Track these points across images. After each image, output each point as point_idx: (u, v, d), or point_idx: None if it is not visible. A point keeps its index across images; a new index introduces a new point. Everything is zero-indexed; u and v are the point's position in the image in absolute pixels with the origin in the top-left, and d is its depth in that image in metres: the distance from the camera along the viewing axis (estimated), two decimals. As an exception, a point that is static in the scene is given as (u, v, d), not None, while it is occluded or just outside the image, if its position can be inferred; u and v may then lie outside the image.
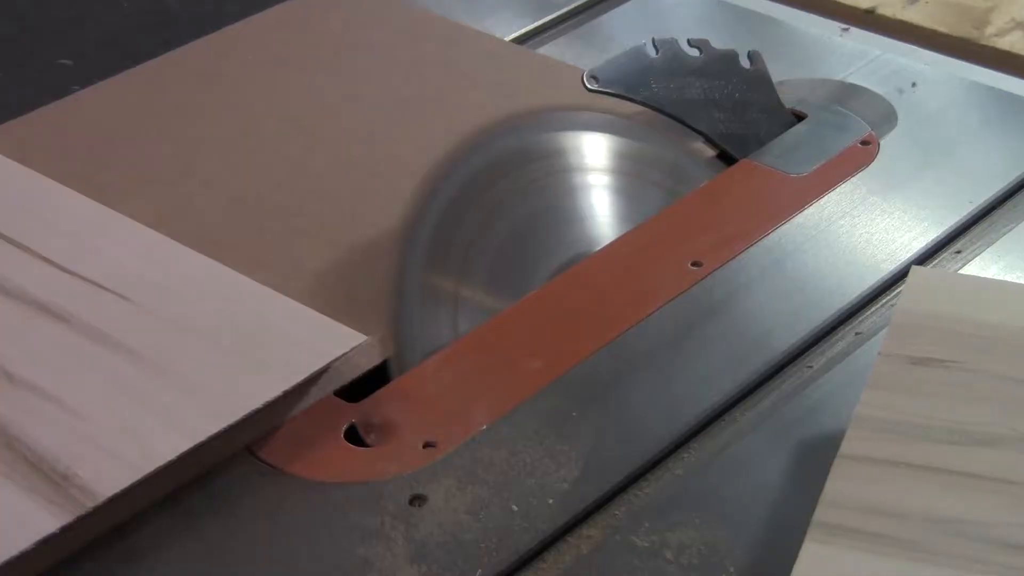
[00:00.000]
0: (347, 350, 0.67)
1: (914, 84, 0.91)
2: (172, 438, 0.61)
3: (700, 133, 0.86)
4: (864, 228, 0.79)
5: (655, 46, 0.85)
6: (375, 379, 0.69)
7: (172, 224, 0.77)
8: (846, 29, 0.89)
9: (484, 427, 0.65)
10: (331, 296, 0.74)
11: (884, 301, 0.75)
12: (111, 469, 0.59)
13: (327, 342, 0.67)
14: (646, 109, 0.85)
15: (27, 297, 0.70)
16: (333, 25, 0.99)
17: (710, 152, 0.85)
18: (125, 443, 0.61)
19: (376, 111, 0.90)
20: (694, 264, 0.75)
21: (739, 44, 0.87)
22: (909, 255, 0.77)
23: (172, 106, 0.92)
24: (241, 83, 0.94)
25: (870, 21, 0.96)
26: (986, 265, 0.77)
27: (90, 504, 0.58)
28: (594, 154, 0.82)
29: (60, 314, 0.69)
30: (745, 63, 0.87)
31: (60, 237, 0.75)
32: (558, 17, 1.02)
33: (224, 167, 0.85)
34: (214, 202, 0.82)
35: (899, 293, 0.71)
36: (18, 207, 0.79)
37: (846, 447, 0.58)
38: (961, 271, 0.76)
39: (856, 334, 0.72)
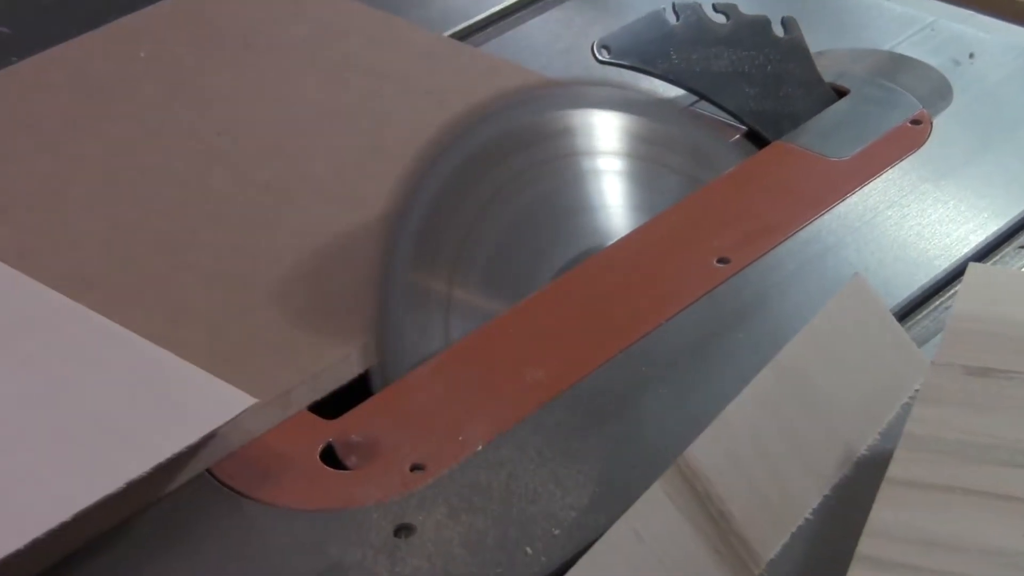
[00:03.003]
0: (231, 416, 0.64)
1: (972, 55, 0.92)
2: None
3: (727, 111, 0.86)
4: (915, 220, 0.79)
5: (676, 11, 0.85)
6: (355, 392, 0.70)
7: (36, 257, 0.76)
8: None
9: (480, 447, 0.65)
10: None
11: (938, 303, 0.75)
12: None
13: (208, 406, 0.65)
14: (665, 83, 0.85)
15: None
16: (238, 19, 0.97)
17: (739, 133, 0.86)
18: None
19: (288, 122, 0.88)
20: (720, 260, 0.76)
21: (772, 9, 0.88)
22: (966, 250, 0.77)
23: (43, 115, 0.89)
24: (129, 82, 0.91)
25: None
26: (1054, 262, 0.77)
27: None
28: (605, 135, 0.82)
29: None
30: (779, 31, 0.87)
31: None
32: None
33: (105, 188, 0.83)
34: (91, 230, 0.79)
35: (955, 294, 0.71)
36: None
37: (894, 470, 0.58)
38: (1026, 268, 0.77)
39: (906, 341, 0.72)
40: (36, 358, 0.68)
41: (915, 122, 0.86)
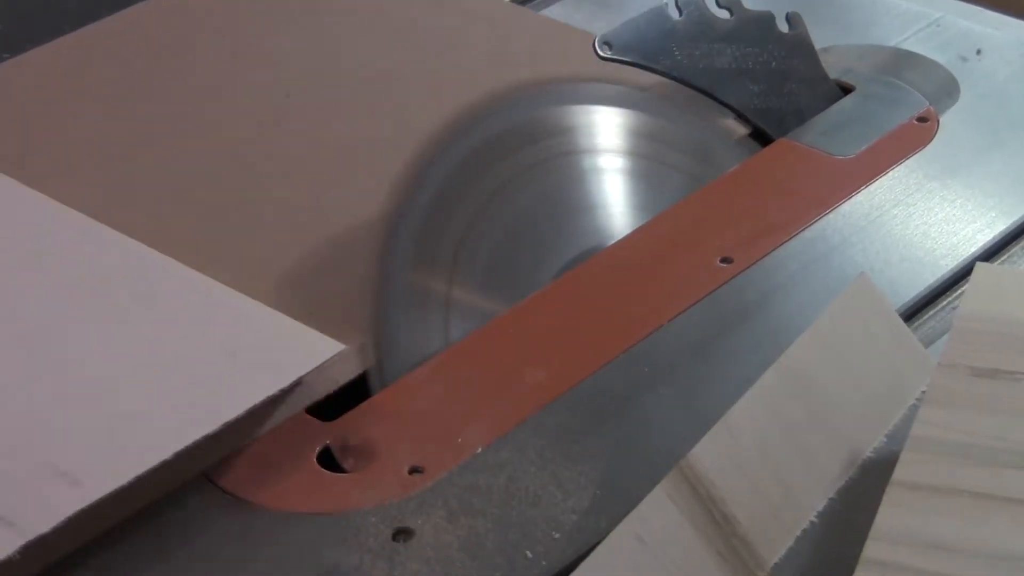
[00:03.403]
0: (319, 362, 0.66)
1: (979, 51, 0.91)
2: (97, 477, 0.60)
3: (730, 108, 0.86)
4: (921, 218, 0.79)
5: (678, 7, 0.85)
6: (353, 394, 0.69)
7: (112, 213, 0.77)
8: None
9: (479, 450, 0.65)
10: (301, 298, 0.74)
11: (944, 303, 0.75)
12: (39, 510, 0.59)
13: (296, 352, 0.67)
14: (667, 80, 0.85)
15: None
16: None
17: (742, 130, 0.85)
18: (52, 484, 0.61)
19: (350, 84, 0.90)
20: (723, 260, 0.75)
21: (776, 5, 0.87)
22: (973, 250, 0.77)
23: (114, 78, 0.92)
24: (195, 50, 0.94)
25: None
26: (1063, 261, 0.77)
27: (30, 535, 0.58)
28: (607, 133, 0.82)
29: None
30: (783, 26, 0.87)
31: None
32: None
33: (174, 149, 0.85)
34: (161, 190, 0.82)
35: (962, 294, 0.71)
36: None
37: (900, 472, 0.58)
38: (1034, 268, 0.76)
39: (912, 341, 0.72)
40: (129, 309, 0.70)
41: (921, 119, 0.86)
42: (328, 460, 0.66)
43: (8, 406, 0.64)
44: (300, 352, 0.67)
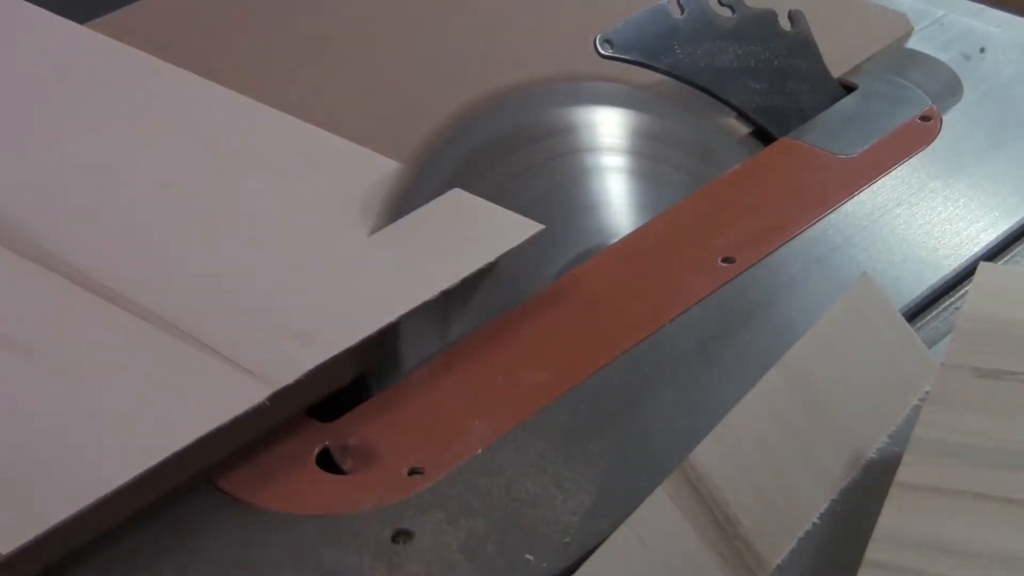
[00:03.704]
0: (522, 240, 0.72)
1: (982, 50, 0.91)
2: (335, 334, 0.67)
3: (732, 107, 0.86)
4: (924, 218, 0.79)
5: (680, 4, 0.85)
6: (353, 394, 0.69)
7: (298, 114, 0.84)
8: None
9: (479, 451, 0.65)
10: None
11: (947, 303, 0.75)
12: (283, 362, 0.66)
13: (500, 230, 0.73)
14: (669, 79, 0.84)
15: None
16: None
17: (744, 129, 0.85)
18: (291, 343, 0.68)
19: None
20: (725, 260, 0.75)
21: (778, 3, 0.87)
22: (977, 249, 0.77)
23: None
24: None
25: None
26: (1066, 261, 0.77)
27: (276, 386, 0.64)
28: (608, 132, 0.82)
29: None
30: (786, 25, 0.87)
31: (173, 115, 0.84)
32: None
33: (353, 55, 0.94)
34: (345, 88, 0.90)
35: (965, 294, 0.71)
36: (138, 88, 0.86)
37: (903, 474, 0.58)
38: (1037, 268, 0.76)
39: (915, 342, 0.72)
40: (345, 195, 0.76)
41: (924, 118, 0.86)
42: (327, 461, 0.66)
43: (250, 277, 0.72)
44: (504, 230, 0.73)
